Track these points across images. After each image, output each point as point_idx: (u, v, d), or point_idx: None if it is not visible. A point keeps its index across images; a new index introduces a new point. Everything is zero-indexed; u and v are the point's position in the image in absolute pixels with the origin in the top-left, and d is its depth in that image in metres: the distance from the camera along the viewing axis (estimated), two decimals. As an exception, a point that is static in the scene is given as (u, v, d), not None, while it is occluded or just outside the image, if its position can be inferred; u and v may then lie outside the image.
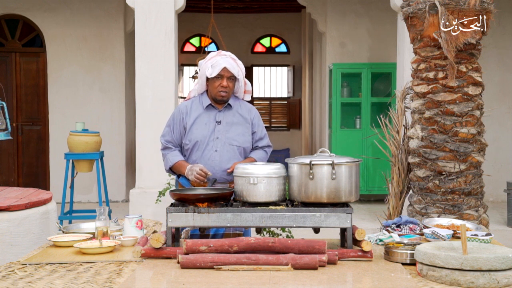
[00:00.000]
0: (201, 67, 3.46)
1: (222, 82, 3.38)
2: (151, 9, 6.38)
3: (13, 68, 9.01)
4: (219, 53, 3.45)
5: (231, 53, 3.48)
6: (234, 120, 3.47)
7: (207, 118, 3.45)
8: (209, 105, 3.46)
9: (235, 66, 3.39)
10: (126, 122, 8.91)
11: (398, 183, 4.69)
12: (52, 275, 2.46)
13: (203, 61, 3.47)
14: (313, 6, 9.22)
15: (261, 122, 3.59)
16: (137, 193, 6.37)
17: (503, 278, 2.26)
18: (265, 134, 3.58)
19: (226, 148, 3.39)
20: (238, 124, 3.47)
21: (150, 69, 6.38)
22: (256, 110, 3.62)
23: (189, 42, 13.47)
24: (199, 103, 3.49)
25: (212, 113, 3.46)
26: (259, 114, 3.61)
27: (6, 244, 3.77)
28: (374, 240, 2.99)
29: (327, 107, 9.18)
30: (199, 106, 3.48)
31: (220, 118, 3.45)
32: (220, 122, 3.44)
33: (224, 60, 3.37)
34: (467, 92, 4.24)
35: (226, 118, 3.46)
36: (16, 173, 9.08)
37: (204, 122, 3.44)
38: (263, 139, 3.56)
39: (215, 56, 3.43)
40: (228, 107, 3.48)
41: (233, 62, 3.40)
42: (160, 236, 2.68)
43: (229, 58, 3.40)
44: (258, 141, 3.54)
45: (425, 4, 4.20)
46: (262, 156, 3.53)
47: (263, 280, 2.35)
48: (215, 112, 3.46)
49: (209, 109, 3.47)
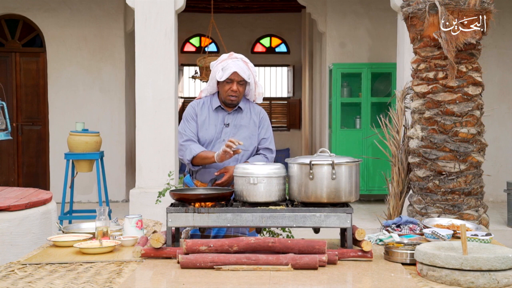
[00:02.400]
0: (212, 69, 3.43)
1: (232, 87, 3.36)
2: (151, 9, 6.38)
3: (13, 68, 9.01)
4: (231, 56, 3.42)
5: (243, 56, 3.44)
6: (242, 123, 3.46)
7: (215, 119, 3.44)
8: (219, 107, 3.46)
9: (246, 69, 3.36)
10: (126, 122, 8.91)
11: (398, 183, 4.69)
12: (52, 275, 2.46)
13: (214, 63, 3.44)
14: (313, 6, 9.22)
15: (267, 124, 3.56)
16: (137, 193, 6.37)
17: (503, 278, 2.26)
18: (269, 136, 3.54)
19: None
20: (245, 127, 3.46)
21: (150, 69, 6.37)
22: (266, 112, 3.60)
23: (189, 42, 13.47)
24: (210, 104, 3.48)
25: (221, 115, 3.46)
26: (267, 116, 3.59)
27: (6, 244, 3.77)
28: (374, 240, 2.99)
29: (327, 107, 9.18)
30: (209, 107, 3.47)
31: (229, 120, 3.44)
32: (228, 124, 3.43)
33: (235, 64, 3.34)
34: (467, 92, 4.24)
35: (234, 120, 3.45)
36: (16, 173, 9.08)
37: (213, 123, 3.43)
38: (266, 140, 3.52)
39: (227, 59, 3.39)
40: (238, 110, 3.47)
41: (244, 65, 3.37)
42: (160, 236, 2.68)
43: (240, 62, 3.37)
44: (261, 141, 3.52)
45: (425, 4, 4.20)
46: (260, 160, 3.46)
47: (263, 280, 2.35)
48: (224, 114, 3.46)
49: (218, 111, 3.46)
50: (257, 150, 3.53)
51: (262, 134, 3.52)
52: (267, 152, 3.54)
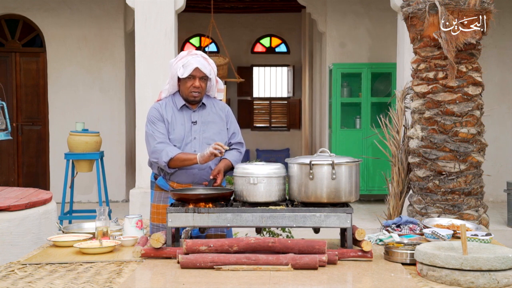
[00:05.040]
0: (172, 67, 3.38)
1: (194, 83, 3.33)
2: (151, 9, 6.38)
3: (13, 68, 9.01)
4: (190, 53, 3.39)
5: (202, 52, 3.42)
6: (210, 119, 3.43)
7: (182, 118, 3.39)
8: (184, 105, 3.43)
9: (207, 65, 3.34)
10: (126, 122, 8.91)
11: (398, 183, 4.69)
12: (52, 275, 2.46)
13: (173, 61, 3.39)
14: (313, 6, 9.22)
15: (233, 118, 3.56)
16: (137, 193, 6.37)
17: (503, 278, 2.26)
18: (238, 130, 3.54)
19: (204, 148, 3.31)
20: (213, 123, 3.43)
21: (150, 69, 6.37)
22: (229, 107, 3.59)
23: (189, 42, 13.47)
24: (173, 104, 3.43)
25: (187, 114, 3.41)
26: (231, 111, 3.59)
27: (6, 244, 3.77)
28: (374, 240, 2.99)
29: (327, 107, 9.18)
30: (172, 107, 3.42)
31: (196, 118, 3.41)
32: (196, 122, 3.40)
33: (195, 60, 3.32)
34: (467, 92, 4.25)
35: (201, 117, 3.42)
36: (16, 173, 9.08)
37: (180, 123, 3.38)
38: (236, 135, 3.51)
39: (186, 56, 3.35)
40: (203, 106, 3.44)
41: (205, 61, 3.35)
42: (160, 236, 2.68)
43: (200, 58, 3.34)
44: (231, 136, 3.50)
45: (425, 4, 4.20)
46: (237, 157, 3.44)
47: (263, 280, 2.35)
48: (190, 113, 3.42)
49: (183, 110, 3.42)
50: (229, 145, 3.50)
51: (232, 129, 3.50)
52: (240, 147, 3.53)
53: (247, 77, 12.89)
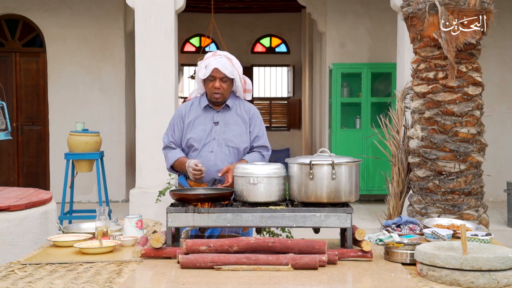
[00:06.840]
0: (198, 68, 3.44)
1: (214, 84, 3.34)
2: (151, 9, 6.38)
3: (13, 68, 9.01)
4: (214, 54, 3.40)
5: (228, 53, 3.42)
6: (232, 121, 3.43)
7: (205, 119, 3.43)
8: (207, 105, 3.45)
9: (229, 66, 3.33)
10: (126, 122, 8.91)
11: (398, 183, 4.69)
12: (52, 275, 2.46)
13: (200, 62, 3.44)
14: (313, 6, 9.22)
15: (259, 121, 3.50)
16: (137, 193, 6.37)
17: (503, 278, 2.26)
18: (263, 133, 3.49)
19: (222, 149, 3.36)
20: (235, 124, 3.43)
21: (150, 69, 6.38)
22: (256, 109, 3.55)
23: (189, 42, 13.47)
24: (198, 104, 3.48)
25: (210, 114, 3.44)
26: (259, 113, 3.53)
27: (6, 244, 3.77)
28: (374, 240, 2.99)
29: (327, 107, 9.18)
30: (198, 107, 3.47)
31: (218, 119, 3.43)
32: (218, 123, 3.41)
33: (216, 61, 3.32)
34: (467, 92, 4.25)
35: (224, 119, 3.43)
36: (16, 173, 9.08)
37: (202, 123, 3.42)
38: (260, 138, 3.47)
39: (210, 57, 3.38)
40: (227, 107, 3.46)
41: (227, 61, 3.33)
42: (160, 236, 2.68)
43: (223, 58, 3.34)
44: (255, 139, 3.46)
45: (425, 4, 4.20)
46: (257, 158, 3.41)
47: (263, 280, 2.35)
48: (213, 113, 3.44)
49: (207, 110, 3.45)
50: (251, 148, 3.48)
51: (256, 132, 3.47)
52: (263, 150, 3.49)
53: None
